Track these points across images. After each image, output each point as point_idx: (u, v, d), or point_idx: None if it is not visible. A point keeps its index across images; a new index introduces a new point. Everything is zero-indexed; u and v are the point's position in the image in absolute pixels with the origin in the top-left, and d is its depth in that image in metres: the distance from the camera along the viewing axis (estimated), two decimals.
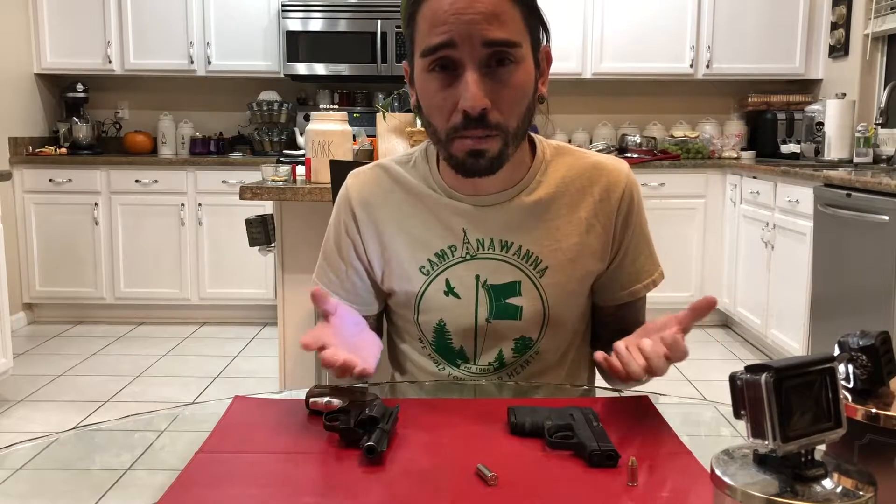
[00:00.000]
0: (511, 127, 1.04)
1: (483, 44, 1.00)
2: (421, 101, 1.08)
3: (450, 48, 1.00)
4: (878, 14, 4.15)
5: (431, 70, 1.03)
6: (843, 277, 3.19)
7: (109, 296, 4.64)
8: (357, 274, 1.22)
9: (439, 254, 1.16)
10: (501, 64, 1.02)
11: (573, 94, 5.03)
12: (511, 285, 1.15)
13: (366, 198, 1.20)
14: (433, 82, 1.04)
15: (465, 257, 1.15)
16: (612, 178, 1.17)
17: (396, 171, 1.20)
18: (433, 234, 1.16)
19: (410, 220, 1.17)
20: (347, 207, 1.21)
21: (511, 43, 1.01)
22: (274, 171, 2.67)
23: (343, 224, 1.22)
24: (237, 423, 0.95)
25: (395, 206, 1.18)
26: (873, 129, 3.99)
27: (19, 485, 0.88)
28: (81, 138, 4.78)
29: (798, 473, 0.55)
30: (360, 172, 1.24)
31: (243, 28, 4.72)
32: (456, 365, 1.19)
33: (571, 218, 1.15)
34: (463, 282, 1.15)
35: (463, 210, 1.15)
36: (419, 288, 1.17)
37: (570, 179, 1.16)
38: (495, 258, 1.15)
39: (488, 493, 0.77)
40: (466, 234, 1.15)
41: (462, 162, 1.05)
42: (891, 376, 0.66)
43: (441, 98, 1.03)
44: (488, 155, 1.04)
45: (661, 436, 0.92)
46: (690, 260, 4.52)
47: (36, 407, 3.29)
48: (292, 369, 2.66)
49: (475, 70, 1.00)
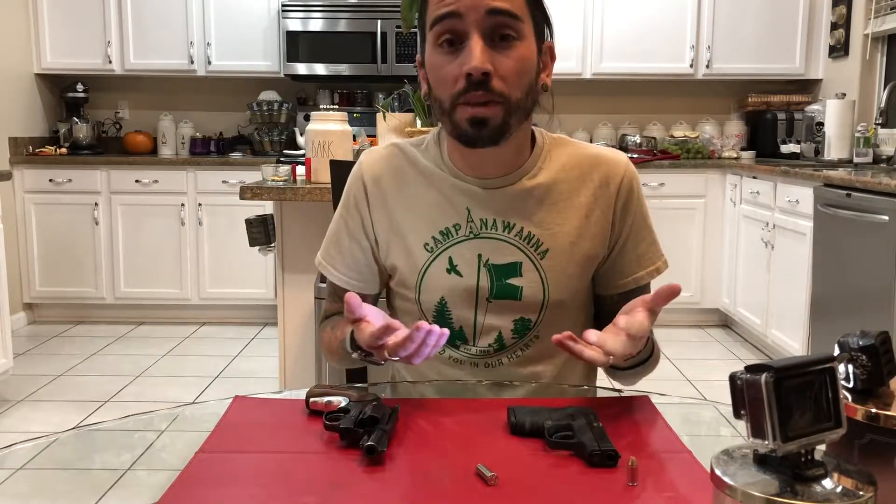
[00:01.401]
0: (513, 97, 1.07)
1: (487, 12, 1.05)
2: (430, 77, 1.12)
3: (455, 18, 1.06)
4: (878, 14, 4.15)
5: (440, 45, 1.08)
6: (843, 277, 3.19)
7: (109, 296, 4.64)
8: (361, 250, 1.24)
9: (444, 231, 1.18)
10: (504, 39, 1.07)
11: (573, 94, 5.03)
12: (512, 266, 1.17)
13: (377, 174, 1.23)
14: (440, 56, 1.09)
15: (468, 236, 1.17)
16: (611, 166, 1.20)
17: (410, 151, 1.24)
18: (439, 212, 1.18)
19: (418, 198, 1.20)
20: (359, 182, 1.24)
21: (514, 14, 1.06)
22: (274, 171, 2.67)
23: (353, 198, 1.25)
24: (237, 423, 0.95)
25: (405, 184, 1.21)
26: (873, 129, 3.99)
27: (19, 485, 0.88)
28: (81, 138, 4.78)
29: (798, 473, 0.55)
30: (374, 150, 1.28)
31: (243, 28, 4.72)
32: (455, 346, 1.20)
33: (572, 203, 1.18)
34: (465, 260, 1.17)
35: (468, 190, 1.18)
36: (422, 264, 1.19)
37: (571, 167, 1.19)
38: (498, 238, 1.17)
39: (488, 493, 0.77)
40: (471, 213, 1.17)
41: (465, 131, 1.08)
42: (891, 376, 0.66)
43: (447, 70, 1.08)
44: (491, 124, 1.07)
45: (661, 436, 0.93)
46: (690, 260, 4.52)
47: (36, 407, 3.29)
48: (292, 369, 2.66)
49: (479, 37, 1.05)
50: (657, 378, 1.11)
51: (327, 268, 1.27)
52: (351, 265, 1.25)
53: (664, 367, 3.73)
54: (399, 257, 1.21)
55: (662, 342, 3.17)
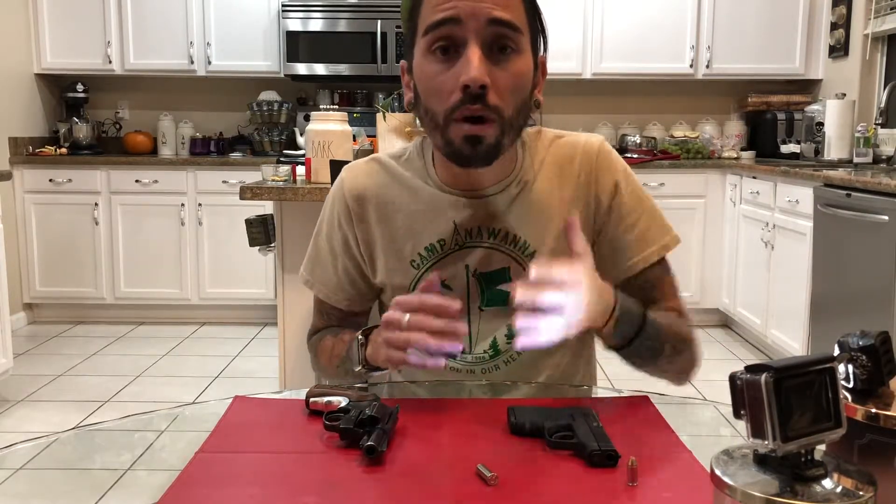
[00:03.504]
0: (507, 114, 1.03)
1: (488, 21, 1.00)
2: (419, 86, 1.07)
3: (454, 24, 1.00)
4: (878, 14, 4.15)
5: (432, 52, 1.03)
6: (843, 277, 3.19)
7: (109, 296, 4.63)
8: (346, 268, 1.22)
9: (429, 248, 1.16)
10: (503, 51, 1.02)
11: (573, 94, 5.03)
12: (501, 272, 1.15)
13: (360, 191, 1.20)
14: (433, 64, 1.03)
15: (454, 248, 1.16)
16: (586, 149, 1.17)
17: (391, 166, 1.21)
18: (424, 227, 1.16)
19: (403, 214, 1.18)
20: (342, 200, 1.21)
21: (515, 27, 1.01)
22: (274, 171, 2.67)
23: (336, 216, 1.22)
24: (237, 423, 0.95)
25: (388, 200, 1.19)
26: (873, 129, 3.99)
27: (19, 485, 0.88)
28: (81, 138, 4.78)
29: (798, 473, 0.54)
30: (354, 166, 1.24)
31: (243, 28, 4.72)
32: (452, 356, 1.19)
33: (554, 199, 1.16)
34: (452, 273, 1.16)
35: (454, 203, 1.15)
36: (411, 281, 1.17)
37: (550, 162, 1.17)
38: (484, 246, 1.15)
39: (488, 493, 0.77)
40: (457, 226, 1.15)
41: (458, 149, 1.04)
42: (891, 376, 0.66)
43: (440, 80, 1.02)
44: (485, 142, 1.03)
45: (661, 436, 0.92)
46: (690, 260, 4.52)
47: (36, 407, 3.29)
48: (292, 369, 2.66)
49: (477, 47, 1.00)
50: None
51: (315, 285, 1.25)
52: (336, 283, 1.23)
53: None
54: (387, 274, 1.19)
55: None
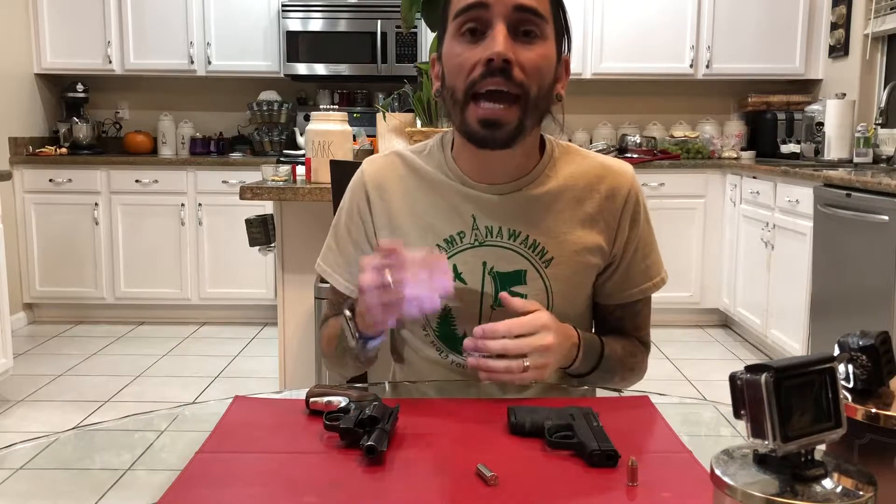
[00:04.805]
0: (532, 92, 1.07)
1: (514, 7, 1.05)
2: (446, 67, 1.11)
3: (482, 8, 1.05)
4: (878, 14, 4.15)
5: (461, 34, 1.08)
6: (843, 277, 3.19)
7: (109, 296, 4.64)
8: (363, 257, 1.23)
9: (448, 239, 1.18)
10: (527, 35, 1.06)
11: (573, 94, 5.02)
12: (517, 273, 1.17)
13: (380, 182, 1.22)
14: (461, 45, 1.08)
15: (473, 244, 1.17)
16: (618, 178, 1.20)
17: (411, 159, 1.23)
18: (444, 219, 1.18)
19: (422, 205, 1.20)
20: (362, 190, 1.24)
21: (540, 14, 1.06)
22: (274, 171, 2.67)
23: (356, 206, 1.24)
24: (237, 423, 0.95)
25: (408, 192, 1.21)
26: (873, 129, 3.99)
27: (19, 485, 0.88)
28: (81, 138, 4.78)
29: (798, 473, 0.54)
30: (375, 159, 1.27)
31: (243, 28, 4.72)
32: (459, 352, 1.20)
33: (577, 212, 1.18)
34: (470, 268, 1.17)
35: (474, 197, 1.17)
36: None
37: (578, 176, 1.19)
38: (503, 246, 1.17)
39: (488, 493, 0.77)
40: (476, 220, 1.17)
41: (476, 132, 1.07)
42: (891, 376, 0.66)
43: (465, 57, 1.07)
44: (506, 127, 1.06)
45: (661, 436, 0.92)
46: (690, 260, 4.52)
47: (36, 407, 3.29)
48: (292, 369, 2.66)
49: (504, 26, 1.04)
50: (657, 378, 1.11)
51: (332, 275, 1.26)
52: (354, 272, 1.24)
53: (664, 367, 3.73)
54: None
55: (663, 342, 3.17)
